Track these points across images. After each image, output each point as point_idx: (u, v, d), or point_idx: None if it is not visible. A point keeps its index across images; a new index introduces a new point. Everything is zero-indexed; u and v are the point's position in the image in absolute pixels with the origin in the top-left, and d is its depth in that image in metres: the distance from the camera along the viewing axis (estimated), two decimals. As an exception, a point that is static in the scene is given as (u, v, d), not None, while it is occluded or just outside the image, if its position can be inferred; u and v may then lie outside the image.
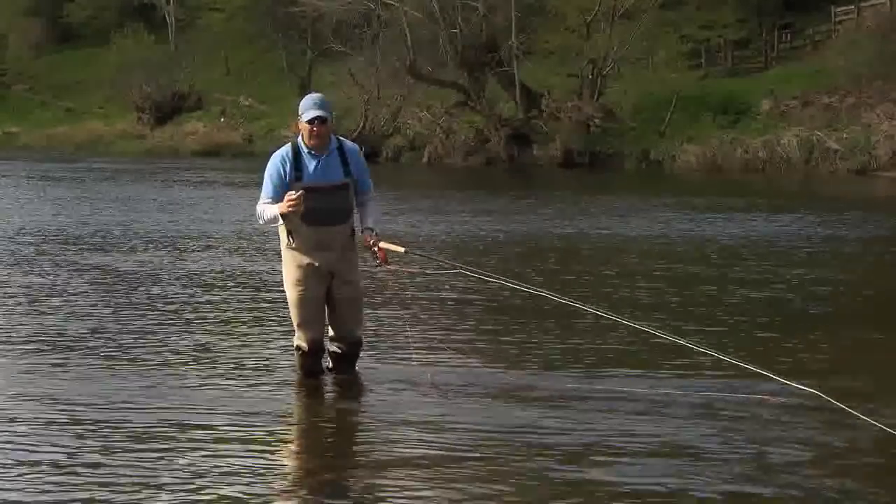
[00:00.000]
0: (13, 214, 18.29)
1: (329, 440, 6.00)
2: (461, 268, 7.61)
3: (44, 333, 8.35)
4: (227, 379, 6.96)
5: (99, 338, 8.17)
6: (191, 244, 14.22)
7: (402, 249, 6.87)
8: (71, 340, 8.10)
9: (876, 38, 33.31)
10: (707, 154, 33.81)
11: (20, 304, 9.66)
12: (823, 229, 16.37)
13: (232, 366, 7.31)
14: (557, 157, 36.10)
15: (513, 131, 37.49)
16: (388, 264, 6.89)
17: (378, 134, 39.89)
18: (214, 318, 9.08)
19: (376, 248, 6.75)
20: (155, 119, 51.68)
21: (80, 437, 5.73)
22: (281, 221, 6.62)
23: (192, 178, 29.79)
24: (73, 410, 6.22)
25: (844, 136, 31.85)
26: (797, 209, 19.36)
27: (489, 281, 7.50)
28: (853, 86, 33.16)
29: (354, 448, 5.84)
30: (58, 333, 8.35)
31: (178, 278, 11.21)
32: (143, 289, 10.53)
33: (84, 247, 13.90)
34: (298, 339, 6.84)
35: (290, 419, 6.34)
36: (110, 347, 7.86)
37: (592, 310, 7.36)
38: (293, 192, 6.47)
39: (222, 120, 50.05)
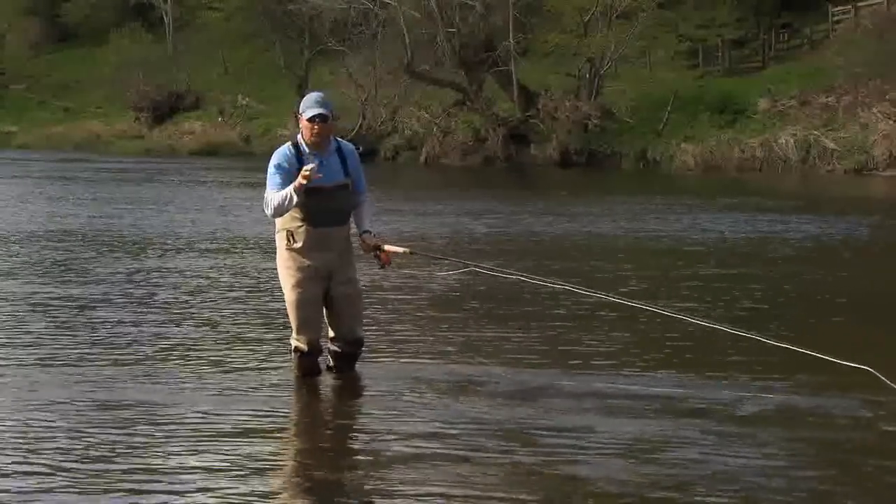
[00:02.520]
0: (81, 215, 18.22)
1: (329, 440, 6.01)
2: (472, 265, 7.46)
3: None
4: (228, 379, 6.95)
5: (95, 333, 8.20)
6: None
7: (404, 250, 6.86)
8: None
9: (873, 38, 33.34)
10: (705, 154, 33.86)
11: (73, 314, 9.26)
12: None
13: (232, 366, 7.31)
14: (555, 156, 36.14)
15: (510, 131, 37.51)
16: (390, 265, 6.90)
17: (376, 133, 39.90)
18: (214, 317, 9.09)
19: (379, 251, 6.74)
20: (153, 118, 51.71)
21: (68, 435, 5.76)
22: (295, 199, 6.42)
23: (223, 178, 29.58)
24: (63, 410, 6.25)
25: (842, 135, 31.89)
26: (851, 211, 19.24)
27: (504, 278, 7.36)
28: (851, 85, 33.18)
29: (354, 448, 5.84)
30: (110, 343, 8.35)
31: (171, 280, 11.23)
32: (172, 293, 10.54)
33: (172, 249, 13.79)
34: (297, 341, 6.81)
35: (289, 419, 6.34)
36: (107, 345, 7.88)
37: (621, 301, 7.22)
38: (308, 164, 6.38)
39: (220, 119, 50.06)
